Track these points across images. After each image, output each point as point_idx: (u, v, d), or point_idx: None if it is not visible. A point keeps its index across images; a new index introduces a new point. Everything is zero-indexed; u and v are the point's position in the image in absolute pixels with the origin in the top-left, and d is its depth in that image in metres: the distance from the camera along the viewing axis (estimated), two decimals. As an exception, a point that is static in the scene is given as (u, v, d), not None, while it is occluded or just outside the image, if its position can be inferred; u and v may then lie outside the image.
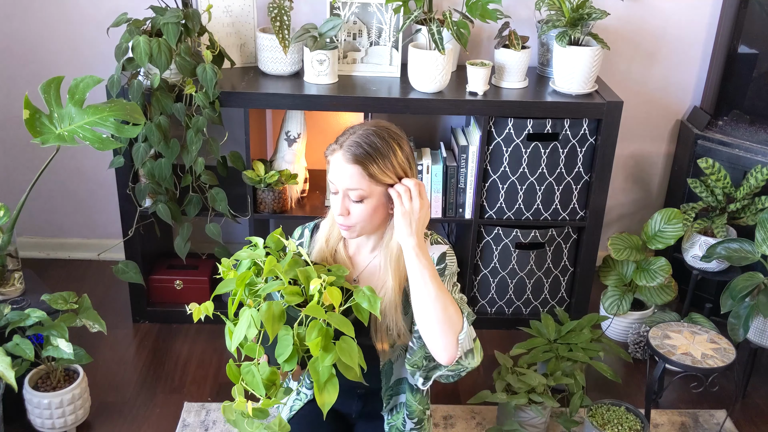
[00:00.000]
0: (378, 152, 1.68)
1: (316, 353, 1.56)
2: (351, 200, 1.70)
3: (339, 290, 1.62)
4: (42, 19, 3.12)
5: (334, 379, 1.59)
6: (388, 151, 1.69)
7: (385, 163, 1.68)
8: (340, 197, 1.71)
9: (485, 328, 3.15)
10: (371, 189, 1.69)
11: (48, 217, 3.49)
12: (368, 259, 1.85)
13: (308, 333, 1.56)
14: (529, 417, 2.49)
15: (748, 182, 2.85)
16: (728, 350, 2.51)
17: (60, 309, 2.39)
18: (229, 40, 2.97)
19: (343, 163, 1.68)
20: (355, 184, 1.68)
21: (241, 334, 1.57)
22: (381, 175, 1.68)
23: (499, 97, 2.83)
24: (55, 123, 2.36)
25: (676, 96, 3.35)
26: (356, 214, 1.71)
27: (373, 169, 1.67)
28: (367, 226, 1.74)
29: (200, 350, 2.98)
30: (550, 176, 2.91)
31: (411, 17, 2.69)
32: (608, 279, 3.04)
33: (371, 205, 1.71)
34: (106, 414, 2.63)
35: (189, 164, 2.76)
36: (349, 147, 1.68)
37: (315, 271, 1.66)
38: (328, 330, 1.58)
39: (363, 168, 1.67)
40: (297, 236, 1.92)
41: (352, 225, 1.72)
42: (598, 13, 2.74)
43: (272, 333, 1.56)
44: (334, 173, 1.71)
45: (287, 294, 1.61)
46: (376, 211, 1.72)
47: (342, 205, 1.71)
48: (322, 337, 1.56)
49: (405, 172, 1.72)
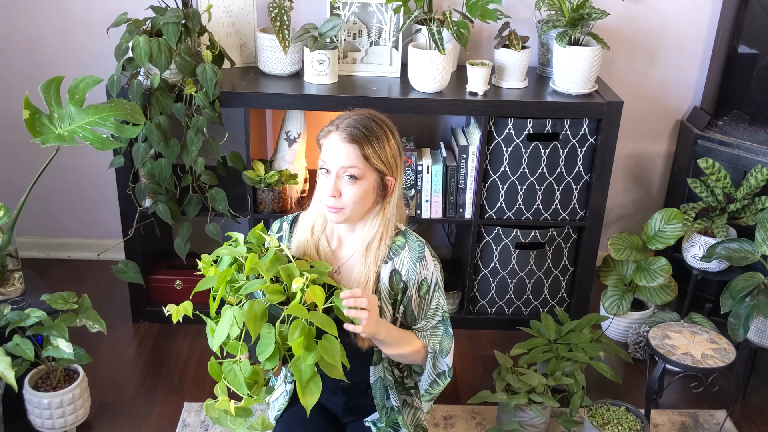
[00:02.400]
0: (374, 135, 1.74)
1: (299, 353, 1.56)
2: (343, 181, 1.73)
3: (322, 289, 1.62)
4: (42, 19, 3.12)
5: (317, 378, 1.59)
6: (382, 136, 1.75)
7: (380, 146, 1.74)
8: (333, 178, 1.73)
9: (485, 328, 3.15)
10: (365, 170, 1.73)
11: (48, 217, 3.49)
12: (350, 252, 1.86)
13: (291, 332, 1.56)
14: (529, 417, 2.49)
15: (748, 182, 2.85)
16: (728, 350, 2.51)
17: (60, 309, 2.39)
18: (229, 40, 2.97)
19: (340, 143, 1.72)
20: (351, 161, 1.72)
21: (223, 333, 1.57)
22: (374, 158, 1.73)
23: (499, 97, 2.83)
24: (55, 123, 2.36)
25: (676, 96, 3.35)
26: (348, 195, 1.73)
27: (368, 151, 1.72)
28: (356, 209, 1.76)
29: (200, 350, 2.98)
30: (550, 176, 2.91)
31: (411, 17, 2.69)
32: (608, 279, 3.04)
33: (363, 187, 1.74)
34: (106, 414, 2.63)
35: (189, 164, 2.76)
36: (346, 127, 1.73)
37: (297, 268, 1.66)
38: (311, 329, 1.58)
39: (359, 148, 1.72)
40: (276, 229, 1.93)
41: (342, 207, 1.74)
42: (598, 13, 2.74)
43: (254, 332, 1.56)
44: (328, 153, 1.74)
45: (269, 293, 1.60)
46: (366, 195, 1.75)
47: (334, 186, 1.73)
48: (305, 337, 1.56)
49: (395, 160, 1.78)
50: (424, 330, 1.86)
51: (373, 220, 1.82)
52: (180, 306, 1.65)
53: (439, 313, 1.87)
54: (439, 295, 1.87)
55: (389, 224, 1.82)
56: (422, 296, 1.85)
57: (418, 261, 1.82)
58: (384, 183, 1.78)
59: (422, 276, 1.83)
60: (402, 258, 1.83)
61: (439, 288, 1.86)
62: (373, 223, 1.82)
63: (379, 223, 1.81)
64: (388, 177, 1.78)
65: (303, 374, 1.58)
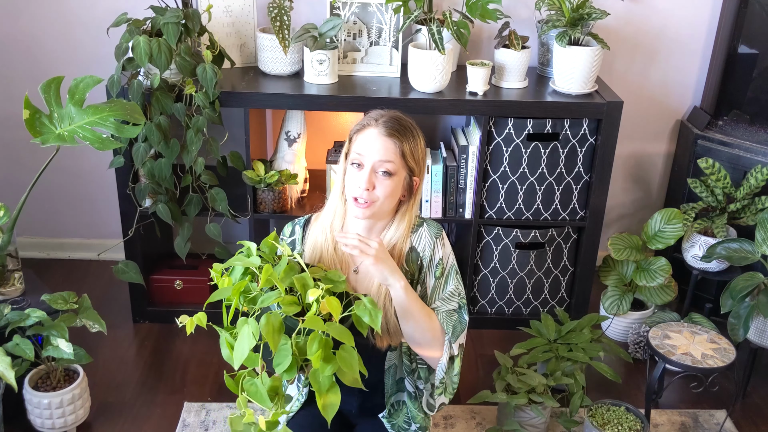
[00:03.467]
0: (410, 133, 1.79)
1: (317, 365, 1.55)
2: (378, 175, 1.75)
3: (338, 300, 1.60)
4: (42, 19, 3.12)
5: (336, 388, 1.58)
6: (416, 135, 1.81)
7: (415, 146, 1.79)
8: (367, 171, 1.75)
9: (485, 328, 3.15)
10: (399, 166, 1.77)
11: (48, 217, 3.49)
12: None
13: (309, 345, 1.55)
14: (529, 417, 2.49)
15: (748, 182, 2.85)
16: (728, 350, 2.51)
17: (60, 309, 2.39)
18: (229, 40, 2.97)
19: (380, 137, 1.75)
20: (390, 156, 1.75)
21: (244, 351, 1.54)
22: (409, 156, 1.77)
23: (499, 97, 2.83)
24: (55, 123, 2.36)
25: (676, 96, 3.35)
26: (381, 189, 1.75)
27: (406, 148, 1.76)
28: (385, 204, 1.78)
29: (200, 350, 2.98)
30: (550, 176, 2.91)
31: (411, 17, 2.69)
32: (608, 279, 3.04)
33: (395, 183, 1.77)
34: (106, 414, 2.63)
35: (189, 164, 2.76)
36: (386, 122, 1.76)
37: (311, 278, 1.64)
38: (328, 340, 1.57)
39: (399, 143, 1.75)
40: (288, 233, 1.92)
41: (374, 200, 1.76)
42: (598, 13, 2.74)
43: (274, 346, 1.55)
44: (365, 146, 1.76)
45: (284, 305, 1.60)
46: (396, 191, 1.78)
47: (369, 179, 1.74)
48: (323, 348, 1.55)
49: (423, 161, 1.84)
50: (439, 311, 1.84)
51: (400, 221, 1.84)
52: (194, 317, 1.63)
53: (455, 299, 1.86)
54: (458, 280, 1.87)
55: (411, 227, 1.85)
56: (437, 277, 1.85)
57: (436, 237, 1.85)
58: (411, 182, 1.81)
59: (438, 255, 1.84)
60: (420, 234, 1.85)
61: (457, 273, 1.87)
62: (400, 225, 1.84)
63: (405, 225, 1.84)
64: (416, 177, 1.81)
65: (321, 385, 1.57)
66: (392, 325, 1.82)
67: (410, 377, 1.93)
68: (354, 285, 1.86)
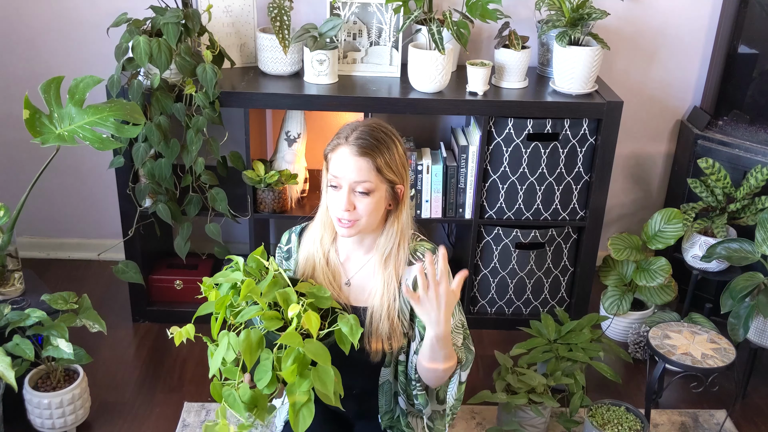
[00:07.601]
0: (384, 144, 1.72)
1: (292, 380, 1.55)
2: (357, 194, 1.71)
3: (318, 316, 1.60)
4: (42, 19, 3.12)
5: (311, 404, 1.57)
6: (390, 145, 1.74)
7: (390, 156, 1.72)
8: (345, 192, 1.71)
9: (485, 328, 3.15)
10: (377, 182, 1.71)
11: (48, 217, 3.49)
12: (361, 263, 1.85)
13: (284, 360, 1.55)
14: (529, 417, 2.49)
15: (748, 182, 2.85)
16: (728, 350, 2.51)
17: (60, 309, 2.39)
18: (229, 40, 2.97)
19: (351, 157, 1.70)
20: (363, 176, 1.70)
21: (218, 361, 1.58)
22: (386, 169, 1.71)
23: (499, 97, 2.83)
24: (55, 123, 2.36)
25: (676, 96, 3.34)
26: (362, 208, 1.72)
27: (380, 162, 1.70)
28: (369, 221, 1.74)
29: (200, 350, 2.97)
30: (550, 176, 2.91)
31: (411, 17, 2.69)
32: (608, 279, 3.04)
33: (375, 199, 1.72)
34: (106, 414, 2.63)
35: (189, 164, 2.76)
36: (355, 140, 1.70)
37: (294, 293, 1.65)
38: (305, 357, 1.56)
39: (371, 160, 1.70)
40: (284, 241, 1.92)
41: (356, 219, 1.73)
42: (598, 13, 2.74)
43: (250, 362, 1.57)
44: (339, 168, 1.71)
45: (266, 319, 1.60)
46: (379, 206, 1.74)
47: (348, 200, 1.71)
48: (298, 364, 1.55)
49: (404, 168, 1.77)
50: None
51: (389, 229, 1.80)
52: (183, 329, 1.66)
53: (460, 331, 1.81)
54: (460, 311, 1.82)
55: (405, 231, 1.81)
56: None
57: None
58: (395, 191, 1.77)
59: None
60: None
61: (459, 304, 1.81)
62: (390, 232, 1.80)
63: (395, 232, 1.80)
64: (399, 185, 1.77)
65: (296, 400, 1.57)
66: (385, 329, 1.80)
67: (403, 395, 1.90)
68: (347, 298, 1.84)
